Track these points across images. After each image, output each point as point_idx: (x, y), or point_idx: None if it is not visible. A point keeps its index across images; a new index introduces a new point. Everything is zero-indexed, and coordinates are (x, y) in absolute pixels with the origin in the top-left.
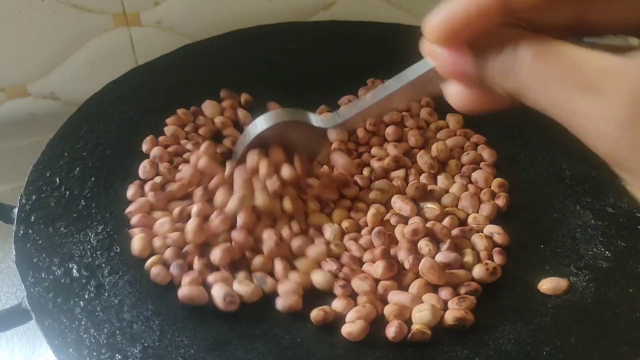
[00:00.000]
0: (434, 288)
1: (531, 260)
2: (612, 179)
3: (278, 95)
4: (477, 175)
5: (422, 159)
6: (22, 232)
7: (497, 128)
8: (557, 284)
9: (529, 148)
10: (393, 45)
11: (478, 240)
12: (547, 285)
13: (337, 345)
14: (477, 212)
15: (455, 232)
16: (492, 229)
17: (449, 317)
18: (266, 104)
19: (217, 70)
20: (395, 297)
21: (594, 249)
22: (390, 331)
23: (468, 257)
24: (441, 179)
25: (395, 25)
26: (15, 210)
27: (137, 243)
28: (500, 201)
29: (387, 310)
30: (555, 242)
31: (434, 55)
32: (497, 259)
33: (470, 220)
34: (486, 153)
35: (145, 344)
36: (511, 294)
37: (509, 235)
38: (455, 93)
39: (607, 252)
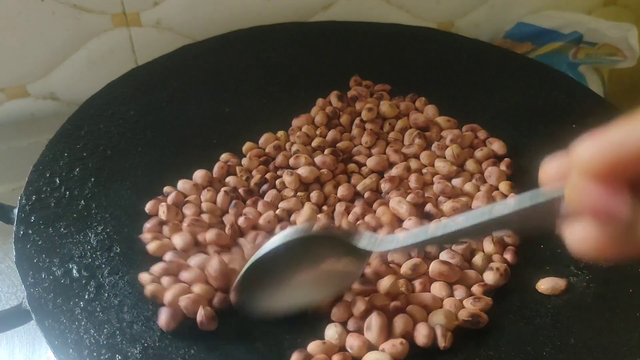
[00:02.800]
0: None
1: (531, 260)
2: None
3: (277, 95)
4: (490, 172)
5: (442, 165)
6: (22, 232)
7: (497, 129)
8: (555, 284)
9: (529, 148)
10: (393, 46)
11: (487, 244)
12: (546, 285)
13: None
14: None
15: None
16: (501, 232)
17: (463, 313)
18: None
19: (217, 70)
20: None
21: None
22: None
23: (478, 260)
24: (456, 180)
25: (395, 25)
26: (15, 211)
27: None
28: None
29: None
30: (555, 242)
31: (578, 189)
32: (510, 258)
33: None
34: (496, 145)
35: (146, 344)
36: (511, 294)
37: (518, 236)
38: (584, 235)
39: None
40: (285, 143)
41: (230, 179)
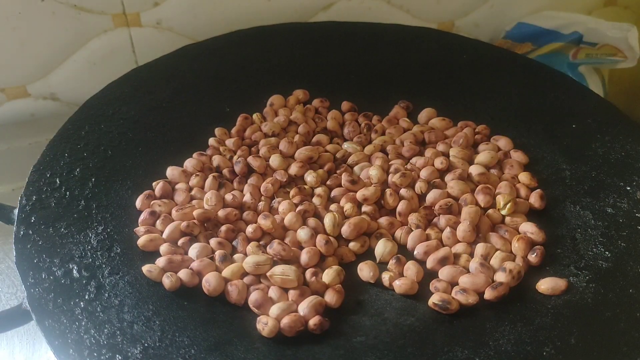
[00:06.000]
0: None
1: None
2: (612, 179)
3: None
4: (509, 161)
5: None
6: (22, 232)
7: (496, 129)
8: (556, 284)
9: (529, 149)
10: (393, 46)
11: (498, 241)
12: (546, 285)
13: (338, 345)
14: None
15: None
16: (526, 227)
17: (435, 297)
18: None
19: (217, 70)
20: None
21: (594, 249)
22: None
23: (495, 260)
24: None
25: (396, 25)
26: (16, 211)
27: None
28: (535, 201)
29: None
30: (555, 242)
31: None
32: (536, 259)
33: (507, 220)
34: (502, 142)
35: (146, 345)
36: (511, 294)
37: (544, 232)
38: None
39: (607, 253)
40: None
41: (215, 158)
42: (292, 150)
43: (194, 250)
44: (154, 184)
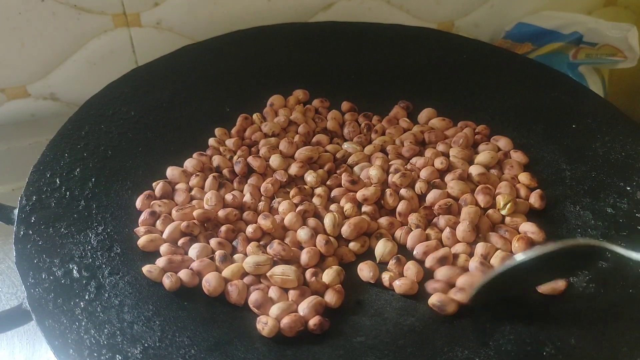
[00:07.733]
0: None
1: None
2: (612, 179)
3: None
4: (509, 162)
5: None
6: (22, 233)
7: (496, 129)
8: (555, 284)
9: (529, 149)
10: (393, 46)
11: (499, 241)
12: (546, 285)
13: (338, 345)
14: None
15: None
16: (526, 227)
17: (434, 298)
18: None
19: (217, 70)
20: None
21: None
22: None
23: (495, 260)
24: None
25: (395, 25)
26: (16, 211)
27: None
28: (535, 201)
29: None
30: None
31: None
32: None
33: (507, 220)
34: (502, 142)
35: (146, 345)
36: (511, 294)
37: (545, 232)
38: None
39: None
40: (260, 124)
41: (215, 158)
42: (292, 151)
43: (194, 250)
44: (154, 184)
